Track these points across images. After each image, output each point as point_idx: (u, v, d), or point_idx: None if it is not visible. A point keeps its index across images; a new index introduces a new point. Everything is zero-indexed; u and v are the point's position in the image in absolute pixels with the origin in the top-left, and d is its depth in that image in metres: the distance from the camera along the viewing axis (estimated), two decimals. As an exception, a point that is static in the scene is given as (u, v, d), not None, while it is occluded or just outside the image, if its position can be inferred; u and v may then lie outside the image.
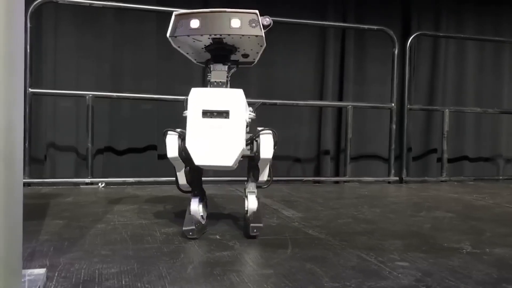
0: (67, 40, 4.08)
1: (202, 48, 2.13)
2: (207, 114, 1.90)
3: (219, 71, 2.08)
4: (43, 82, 3.94)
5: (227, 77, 2.09)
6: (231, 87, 2.10)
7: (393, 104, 4.45)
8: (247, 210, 2.05)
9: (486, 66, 5.35)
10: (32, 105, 3.72)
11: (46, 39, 4.03)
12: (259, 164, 2.05)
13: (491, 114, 5.20)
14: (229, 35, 1.97)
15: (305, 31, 4.68)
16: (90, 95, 3.69)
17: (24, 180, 3.40)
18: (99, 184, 3.69)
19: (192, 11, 1.99)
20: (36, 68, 3.92)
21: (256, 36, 1.96)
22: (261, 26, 1.95)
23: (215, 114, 1.90)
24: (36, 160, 3.98)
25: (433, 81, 5.13)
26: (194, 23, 1.96)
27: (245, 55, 2.17)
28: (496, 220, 2.65)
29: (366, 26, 4.54)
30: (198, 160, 1.89)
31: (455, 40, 5.16)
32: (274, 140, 2.01)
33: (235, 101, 1.91)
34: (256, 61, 2.23)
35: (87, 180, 3.69)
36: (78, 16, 4.08)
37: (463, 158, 5.30)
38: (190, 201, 2.08)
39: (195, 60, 2.30)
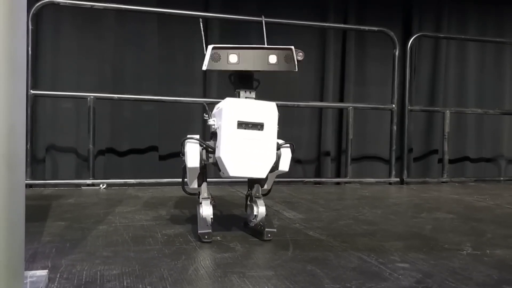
0: (68, 42, 4.09)
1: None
2: (242, 125, 1.91)
3: (249, 91, 2.10)
4: (45, 84, 3.94)
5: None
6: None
7: (393, 105, 4.45)
8: (256, 215, 2.04)
9: (487, 67, 5.35)
10: (34, 106, 3.73)
11: (48, 41, 4.03)
12: (271, 173, 2.07)
13: (493, 115, 5.20)
14: (268, 71, 2.03)
15: (306, 32, 4.68)
16: (92, 97, 3.69)
17: (26, 181, 3.41)
18: (101, 185, 3.70)
19: (229, 46, 2.03)
20: (38, 70, 3.93)
21: (290, 71, 2.03)
22: (296, 62, 2.01)
23: (250, 126, 1.92)
24: (38, 161, 3.99)
25: (434, 82, 5.13)
26: (233, 58, 2.01)
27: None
28: (497, 222, 2.65)
29: (366, 28, 4.55)
30: (233, 171, 1.91)
31: (456, 41, 5.16)
32: (292, 152, 2.09)
33: (269, 114, 1.95)
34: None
35: (89, 181, 3.70)
36: (79, 18, 4.09)
37: (464, 159, 5.30)
38: (200, 204, 2.07)
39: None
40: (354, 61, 4.88)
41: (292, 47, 2.03)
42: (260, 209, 2.03)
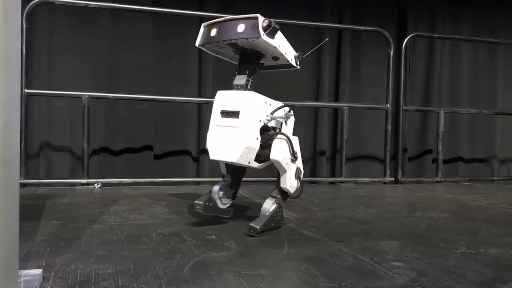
0: (63, 41, 4.07)
1: (233, 52, 2.34)
2: (224, 114, 2.13)
3: (240, 75, 2.25)
4: (39, 83, 3.92)
5: (247, 80, 2.23)
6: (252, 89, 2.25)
7: (388, 105, 4.46)
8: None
9: (481, 67, 5.37)
10: (28, 105, 3.71)
11: (42, 39, 4.01)
12: (274, 167, 2.17)
13: (486, 115, 5.23)
14: (236, 40, 2.14)
15: (301, 32, 4.67)
16: (86, 96, 3.68)
17: (20, 180, 3.39)
18: (95, 184, 3.68)
19: (214, 21, 2.21)
20: (32, 69, 3.90)
21: (257, 38, 2.08)
22: (261, 29, 2.07)
23: (230, 114, 2.11)
24: (32, 160, 3.97)
25: (429, 82, 5.15)
26: (213, 32, 2.20)
27: (275, 58, 2.32)
28: (491, 221, 2.66)
29: (361, 27, 4.55)
30: (212, 154, 2.14)
31: (450, 41, 5.18)
32: (289, 144, 2.18)
33: (245, 102, 2.10)
34: (293, 62, 2.33)
35: (83, 180, 3.69)
36: (74, 17, 4.07)
37: (458, 159, 5.32)
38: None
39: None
40: (349, 61, 4.89)
41: (258, 15, 2.09)
42: (263, 205, 2.17)
